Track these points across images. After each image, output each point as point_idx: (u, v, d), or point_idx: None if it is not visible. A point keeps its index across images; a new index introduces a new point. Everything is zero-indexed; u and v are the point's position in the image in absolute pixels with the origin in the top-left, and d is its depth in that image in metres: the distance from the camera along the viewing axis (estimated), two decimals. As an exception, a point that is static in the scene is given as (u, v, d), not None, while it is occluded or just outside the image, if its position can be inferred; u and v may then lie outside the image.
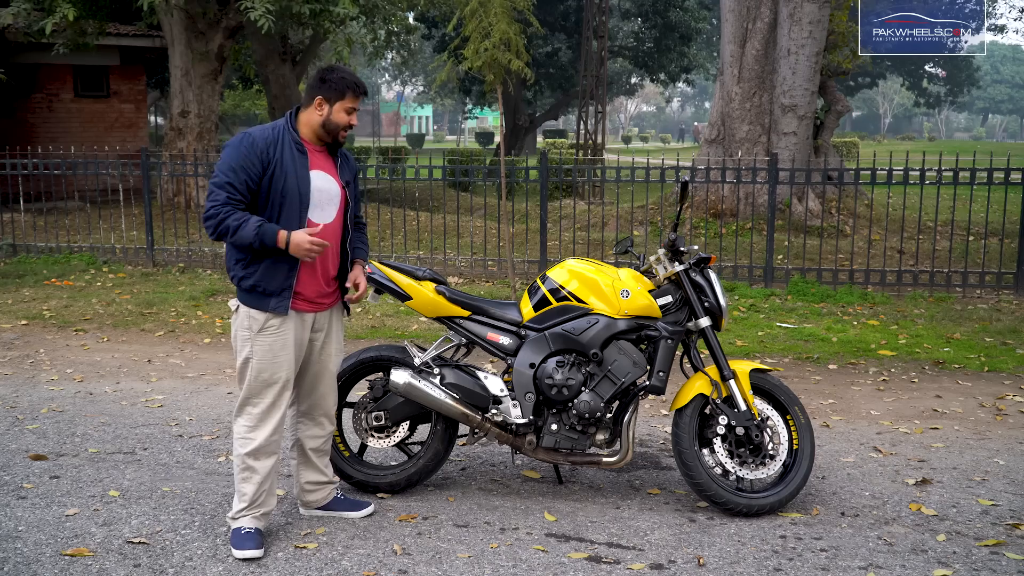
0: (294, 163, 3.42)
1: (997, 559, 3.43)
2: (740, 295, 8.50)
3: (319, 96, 3.46)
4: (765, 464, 3.85)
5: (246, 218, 3.31)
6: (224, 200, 3.31)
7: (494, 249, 10.37)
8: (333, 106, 3.47)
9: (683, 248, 3.94)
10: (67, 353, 6.69)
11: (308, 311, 3.51)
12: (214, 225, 3.32)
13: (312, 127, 3.49)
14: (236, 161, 3.34)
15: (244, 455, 3.47)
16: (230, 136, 37.29)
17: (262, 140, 3.39)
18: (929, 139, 57.04)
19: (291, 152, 3.42)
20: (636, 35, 32.56)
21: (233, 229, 3.30)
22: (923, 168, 8.47)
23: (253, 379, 3.45)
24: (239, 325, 3.48)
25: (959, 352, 6.61)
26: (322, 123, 3.47)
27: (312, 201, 3.44)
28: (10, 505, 3.85)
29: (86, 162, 10.71)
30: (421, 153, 34.44)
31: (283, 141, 3.42)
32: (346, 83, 3.48)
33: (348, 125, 3.52)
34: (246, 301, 3.44)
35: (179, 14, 13.89)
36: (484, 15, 7.68)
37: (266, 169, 3.37)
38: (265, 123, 3.63)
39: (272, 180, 3.37)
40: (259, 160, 3.36)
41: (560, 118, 46.48)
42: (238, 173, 3.33)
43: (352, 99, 3.49)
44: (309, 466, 3.72)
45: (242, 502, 3.49)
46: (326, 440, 3.75)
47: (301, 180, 3.42)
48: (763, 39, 11.61)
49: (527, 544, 3.54)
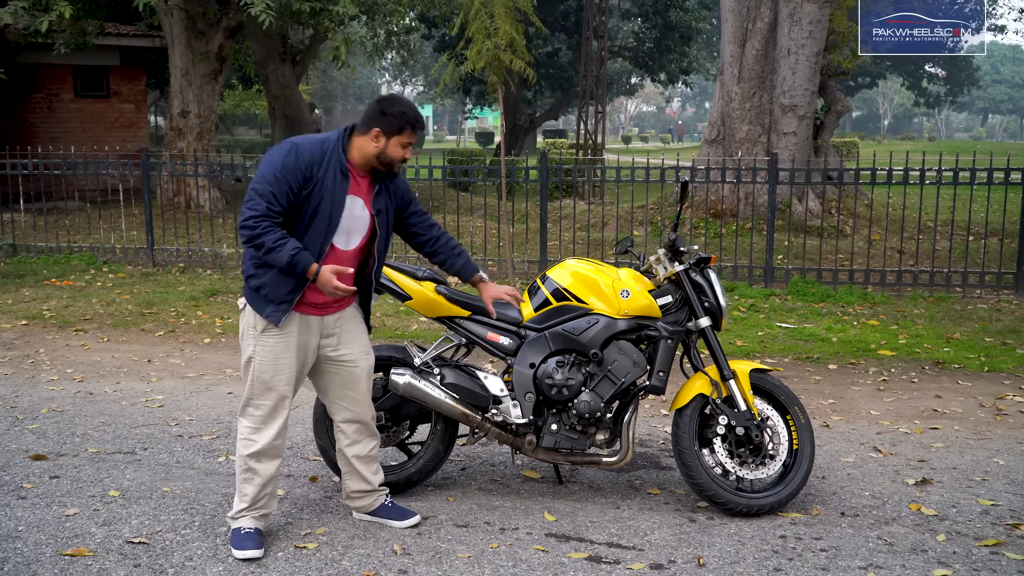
0: (334, 186, 3.37)
1: (997, 559, 3.43)
2: (740, 295, 8.50)
3: (377, 128, 3.41)
4: (765, 464, 3.85)
5: (283, 241, 3.27)
6: (264, 211, 3.27)
7: (494, 249, 10.37)
8: (390, 139, 3.42)
9: (683, 248, 3.94)
10: (67, 353, 6.69)
11: (314, 315, 3.48)
12: (250, 236, 3.28)
13: (364, 156, 3.44)
14: (280, 171, 3.30)
15: (246, 456, 3.46)
16: (230, 136, 37.32)
17: (308, 155, 3.34)
18: (929, 139, 57.02)
19: (334, 174, 3.37)
20: (636, 35, 32.54)
21: (268, 248, 3.27)
22: (923, 168, 8.47)
23: (254, 379, 3.44)
24: (245, 323, 3.48)
25: (959, 352, 6.61)
26: (376, 155, 3.43)
27: (340, 227, 3.41)
28: (10, 505, 3.85)
29: (86, 162, 10.70)
30: (421, 153, 34.44)
31: (330, 161, 3.37)
32: (406, 119, 3.42)
33: (403, 159, 3.47)
34: (249, 300, 3.44)
35: (179, 14, 13.89)
36: (484, 15, 7.68)
37: (306, 185, 3.33)
38: (268, 124, 3.62)
39: (308, 197, 3.34)
40: (302, 175, 3.32)
41: (560, 118, 46.47)
42: (280, 184, 3.29)
43: (410, 134, 3.45)
44: (353, 475, 3.69)
45: (243, 502, 3.49)
46: (372, 447, 3.69)
47: (336, 205, 3.38)
48: (763, 39, 11.61)
49: (527, 544, 3.54)
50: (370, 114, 3.44)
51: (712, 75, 35.06)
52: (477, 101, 35.52)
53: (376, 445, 3.72)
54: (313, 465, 4.40)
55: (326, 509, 3.88)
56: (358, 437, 3.65)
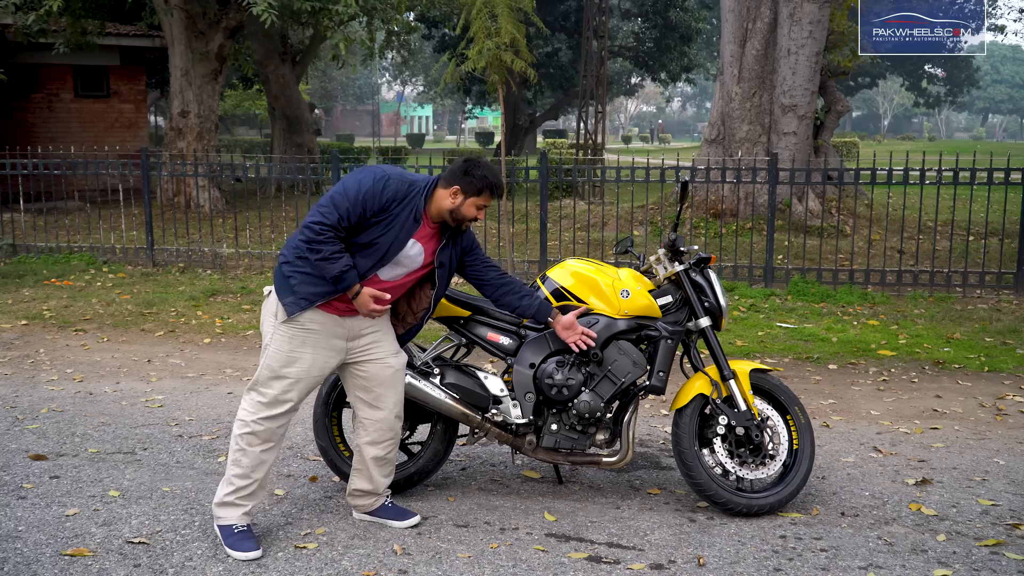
0: (403, 228, 3.45)
1: (997, 559, 3.43)
2: (740, 295, 8.50)
3: (458, 186, 3.49)
4: (765, 464, 3.85)
5: (339, 256, 3.34)
6: (335, 223, 3.34)
7: (494, 249, 10.37)
8: (467, 199, 3.51)
9: (683, 248, 3.94)
10: (67, 353, 6.69)
11: (343, 316, 3.49)
12: (311, 239, 3.33)
13: (440, 208, 3.52)
14: (363, 194, 3.38)
15: (238, 436, 3.49)
16: (230, 136, 37.31)
17: (393, 191, 3.43)
18: (929, 139, 57.02)
19: (407, 217, 3.46)
20: (636, 35, 32.55)
21: (324, 256, 3.33)
22: (923, 168, 8.47)
23: (265, 366, 3.46)
24: (267, 310, 3.51)
25: (959, 352, 6.61)
26: (451, 210, 3.51)
27: (392, 261, 3.48)
28: (10, 505, 3.85)
29: (86, 162, 10.70)
30: (421, 153, 34.46)
31: (410, 203, 3.46)
32: (487, 183, 3.52)
33: (474, 219, 3.57)
34: (277, 283, 3.48)
35: (179, 14, 13.89)
36: (486, 15, 7.69)
37: (378, 216, 3.41)
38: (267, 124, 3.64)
39: (375, 227, 3.41)
40: (380, 206, 3.40)
41: (560, 118, 46.46)
42: (357, 206, 3.37)
43: (487, 198, 3.55)
44: (362, 474, 3.68)
45: (228, 486, 3.48)
46: (390, 449, 3.69)
47: (396, 244, 3.46)
48: (763, 39, 11.61)
49: (527, 544, 3.54)
50: (455, 171, 3.53)
51: (712, 75, 35.07)
52: (477, 101, 35.53)
53: (395, 448, 3.71)
54: (313, 465, 4.40)
55: (326, 509, 3.88)
56: (380, 436, 3.64)
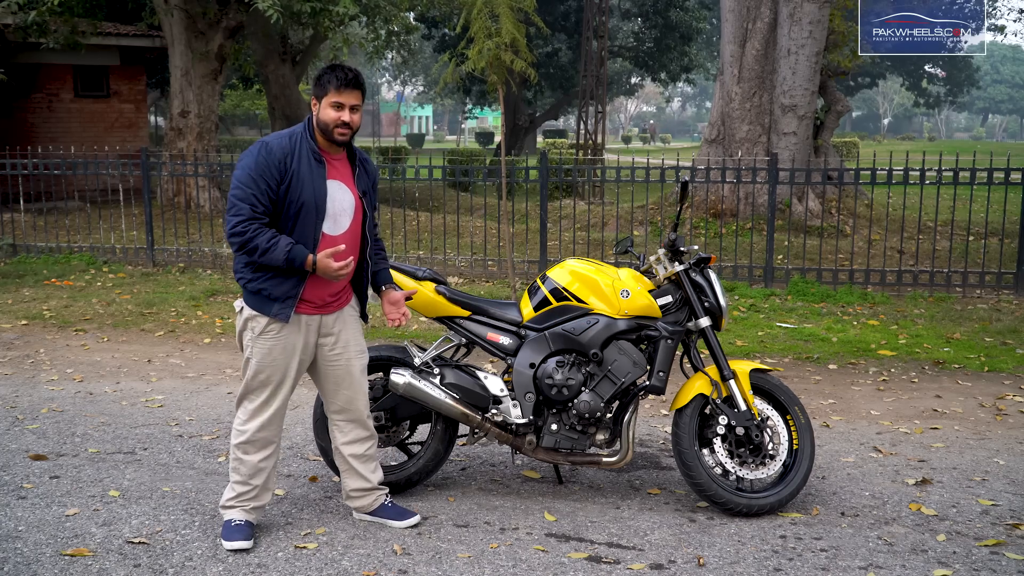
0: (311, 174, 3.33)
1: (997, 559, 3.43)
2: (740, 295, 8.50)
3: (313, 97, 3.39)
4: (765, 464, 3.85)
5: (276, 240, 3.26)
6: (249, 215, 3.25)
7: (494, 249, 10.37)
8: (321, 102, 3.36)
9: (683, 248, 3.94)
10: (67, 353, 6.69)
11: (312, 314, 3.48)
12: (241, 243, 3.27)
13: (319, 131, 3.40)
14: (255, 171, 3.27)
15: (234, 446, 3.52)
16: (230, 136, 37.32)
17: (279, 150, 3.31)
18: (929, 139, 57.01)
19: (308, 162, 3.34)
20: (636, 35, 32.55)
21: (262, 250, 3.26)
22: (923, 168, 8.47)
23: (251, 378, 3.47)
24: (242, 326, 3.49)
25: (959, 352, 6.61)
26: (319, 125, 3.38)
27: (327, 212, 3.38)
28: (10, 505, 3.85)
29: (86, 162, 10.70)
30: (421, 153, 34.44)
31: (300, 151, 3.34)
32: (328, 75, 3.30)
33: (339, 122, 3.33)
34: (251, 304, 3.43)
35: (179, 14, 13.89)
36: (487, 15, 7.68)
37: (283, 179, 3.29)
38: (267, 123, 3.63)
39: (288, 190, 3.31)
40: (276, 170, 3.28)
41: (560, 118, 46.46)
42: (258, 183, 3.27)
43: (335, 93, 3.30)
44: (352, 473, 3.68)
45: (231, 491, 3.55)
46: (368, 446, 3.68)
47: (318, 191, 3.34)
48: (763, 39, 11.61)
49: (527, 544, 3.54)
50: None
51: (712, 75, 35.07)
52: (477, 101, 35.53)
53: (373, 444, 3.72)
54: (313, 465, 4.40)
55: (326, 509, 3.88)
56: (354, 435, 3.65)
